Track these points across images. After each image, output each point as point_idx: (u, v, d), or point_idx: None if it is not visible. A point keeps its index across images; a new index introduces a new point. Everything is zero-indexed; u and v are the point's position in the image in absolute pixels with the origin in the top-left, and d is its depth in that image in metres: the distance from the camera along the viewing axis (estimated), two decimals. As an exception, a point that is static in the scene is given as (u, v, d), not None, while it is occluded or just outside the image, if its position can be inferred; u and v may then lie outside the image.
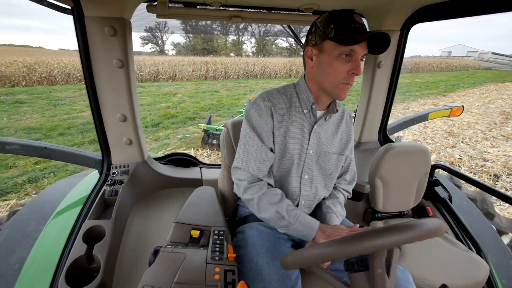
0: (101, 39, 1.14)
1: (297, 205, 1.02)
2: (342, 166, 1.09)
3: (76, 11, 1.09)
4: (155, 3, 1.24)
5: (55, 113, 6.82)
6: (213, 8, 1.31)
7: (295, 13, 1.41)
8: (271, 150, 0.96)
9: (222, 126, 4.75)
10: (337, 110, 0.99)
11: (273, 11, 1.41)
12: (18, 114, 6.60)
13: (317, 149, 0.99)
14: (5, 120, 6.06)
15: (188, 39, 45.75)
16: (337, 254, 0.55)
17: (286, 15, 1.42)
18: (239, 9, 1.37)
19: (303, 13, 1.40)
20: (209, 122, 4.85)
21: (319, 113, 0.98)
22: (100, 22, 1.11)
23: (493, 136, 6.25)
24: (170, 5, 1.25)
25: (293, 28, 1.62)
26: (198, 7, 1.31)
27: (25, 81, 10.94)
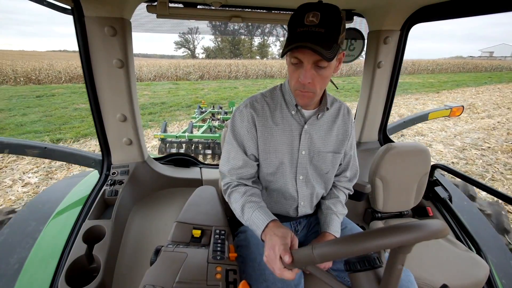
0: (101, 39, 1.14)
1: (297, 207, 1.01)
2: (341, 164, 1.08)
3: (76, 11, 1.09)
4: (155, 3, 1.24)
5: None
6: (213, 8, 1.31)
7: None
8: (254, 156, 0.95)
9: (216, 134, 4.55)
10: (328, 108, 0.96)
11: (273, 11, 1.41)
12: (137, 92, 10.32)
13: (310, 149, 0.96)
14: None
15: (217, 43, 48.84)
16: (337, 254, 0.55)
17: (286, 15, 1.42)
18: (239, 9, 1.37)
19: None
20: (165, 130, 4.53)
21: (309, 112, 0.95)
22: (100, 22, 1.11)
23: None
24: (170, 5, 1.25)
25: None
26: (198, 7, 1.31)
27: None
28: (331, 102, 0.99)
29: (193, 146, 4.32)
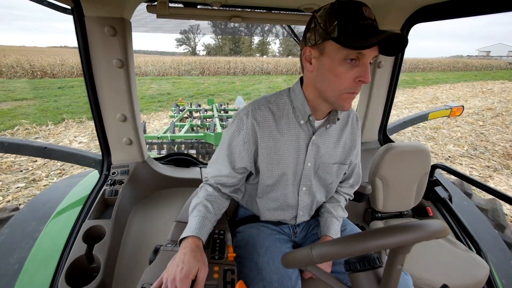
0: (101, 39, 1.14)
1: (295, 216, 1.00)
2: (345, 173, 1.04)
3: (76, 11, 1.09)
4: (155, 3, 1.24)
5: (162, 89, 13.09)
6: (213, 8, 1.31)
7: (295, 13, 1.41)
8: (244, 168, 0.90)
9: (199, 134, 4.42)
10: (339, 119, 0.88)
11: (273, 11, 1.41)
12: (144, 85, 13.52)
13: (315, 161, 0.91)
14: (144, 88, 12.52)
15: (217, 41, 50.56)
16: (336, 254, 0.55)
17: (286, 15, 1.42)
18: (239, 9, 1.37)
19: (303, 13, 1.40)
20: (144, 131, 4.39)
21: (318, 122, 0.88)
22: (100, 22, 1.11)
23: (396, 105, 9.55)
24: (170, 5, 1.25)
25: (292, 28, 1.62)
26: (198, 7, 1.31)
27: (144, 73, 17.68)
28: (340, 112, 0.91)
29: (175, 147, 4.17)
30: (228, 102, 7.30)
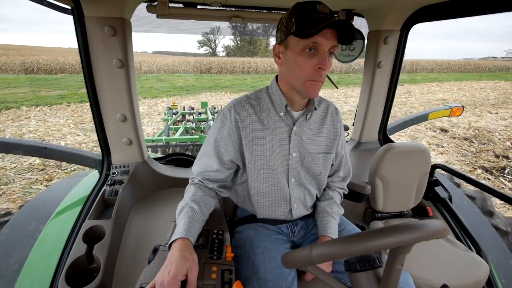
0: (101, 39, 1.14)
1: (290, 210, 1.00)
2: (333, 164, 1.06)
3: (76, 11, 1.09)
4: (155, 3, 1.24)
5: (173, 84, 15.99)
6: (213, 8, 1.31)
7: None
8: (232, 162, 0.93)
9: (194, 136, 4.39)
10: (315, 108, 0.94)
11: (273, 11, 1.41)
12: (173, 79, 17.23)
13: (300, 151, 0.94)
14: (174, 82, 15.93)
15: (236, 43, 53.01)
16: (336, 254, 0.55)
17: None
18: (239, 9, 1.37)
19: None
20: None
21: (297, 113, 0.93)
22: (100, 22, 1.11)
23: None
24: (170, 5, 1.25)
25: None
26: (198, 7, 1.31)
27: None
28: (318, 101, 0.97)
29: (170, 150, 4.15)
30: (221, 105, 7.34)
